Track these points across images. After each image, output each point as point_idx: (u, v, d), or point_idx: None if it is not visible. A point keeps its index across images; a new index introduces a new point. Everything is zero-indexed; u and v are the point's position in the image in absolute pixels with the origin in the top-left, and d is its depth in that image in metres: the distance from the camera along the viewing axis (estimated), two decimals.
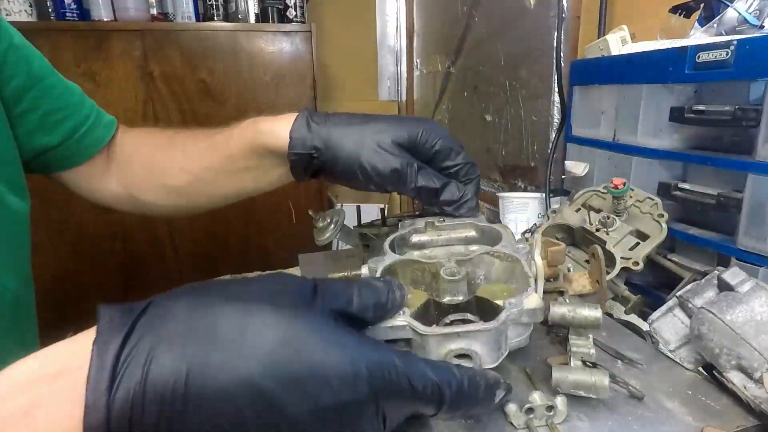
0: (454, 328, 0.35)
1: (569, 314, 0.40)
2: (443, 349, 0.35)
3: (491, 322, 0.35)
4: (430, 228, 0.47)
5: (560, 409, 0.38)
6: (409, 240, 0.47)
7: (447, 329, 0.35)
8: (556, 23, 1.04)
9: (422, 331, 0.34)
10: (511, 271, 0.42)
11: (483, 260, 0.43)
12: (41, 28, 1.53)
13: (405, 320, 0.35)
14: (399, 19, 2.22)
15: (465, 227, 0.48)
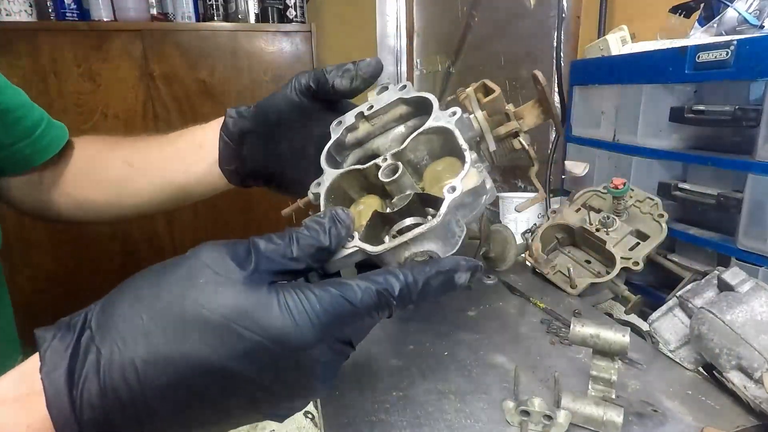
0: (401, 238, 0.34)
1: (591, 339, 0.39)
2: (401, 258, 0.35)
3: (435, 219, 0.34)
4: (361, 121, 0.44)
5: (560, 422, 0.37)
6: (345, 142, 0.45)
7: (395, 242, 0.34)
8: (556, 23, 1.04)
9: (372, 251, 0.34)
10: (448, 141, 0.39)
11: (419, 141, 0.40)
12: (41, 28, 1.53)
13: (355, 245, 0.35)
14: (399, 19, 2.22)
15: (394, 105, 0.44)
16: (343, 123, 0.45)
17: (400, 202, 0.38)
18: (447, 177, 0.38)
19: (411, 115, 0.45)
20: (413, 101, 0.43)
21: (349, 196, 0.43)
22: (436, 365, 0.49)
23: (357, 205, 0.42)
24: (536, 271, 0.71)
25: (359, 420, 0.41)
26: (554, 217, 0.74)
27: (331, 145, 0.44)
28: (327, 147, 0.44)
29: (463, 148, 0.37)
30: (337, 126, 0.45)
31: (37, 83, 1.51)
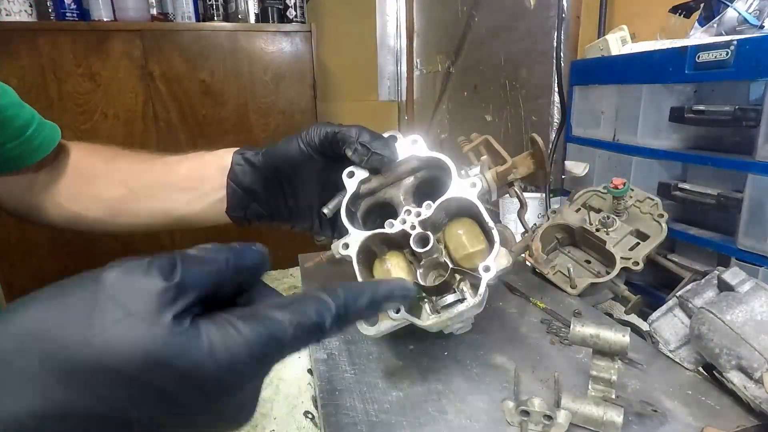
0: (446, 314, 0.39)
1: (591, 339, 0.39)
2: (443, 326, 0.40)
3: (476, 298, 0.39)
4: (374, 175, 0.47)
5: (560, 422, 0.37)
6: (359, 193, 0.47)
7: (442, 317, 0.39)
8: (556, 23, 1.04)
9: (424, 325, 0.39)
10: (466, 204, 0.43)
11: (440, 207, 0.44)
12: (41, 28, 1.53)
13: (404, 317, 0.39)
14: (399, 19, 2.21)
15: (407, 161, 0.47)
16: (356, 176, 0.46)
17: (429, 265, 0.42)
18: (470, 242, 0.42)
19: (420, 169, 0.47)
20: (426, 161, 0.46)
21: (372, 250, 0.45)
22: (436, 365, 0.49)
23: (383, 263, 0.45)
24: (536, 271, 0.71)
25: (359, 420, 0.41)
26: (554, 217, 0.74)
27: (349, 200, 0.46)
28: (344, 203, 0.45)
29: (490, 227, 0.41)
30: (350, 179, 0.46)
31: (37, 83, 1.51)
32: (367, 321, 0.40)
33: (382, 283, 0.31)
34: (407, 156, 0.46)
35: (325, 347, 0.54)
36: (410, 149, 0.46)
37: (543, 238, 0.73)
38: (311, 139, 0.47)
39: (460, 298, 0.40)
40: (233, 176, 0.51)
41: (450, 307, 0.40)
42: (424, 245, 0.41)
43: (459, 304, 0.39)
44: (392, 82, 2.27)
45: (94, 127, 1.60)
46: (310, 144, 0.48)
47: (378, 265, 0.45)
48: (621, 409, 0.38)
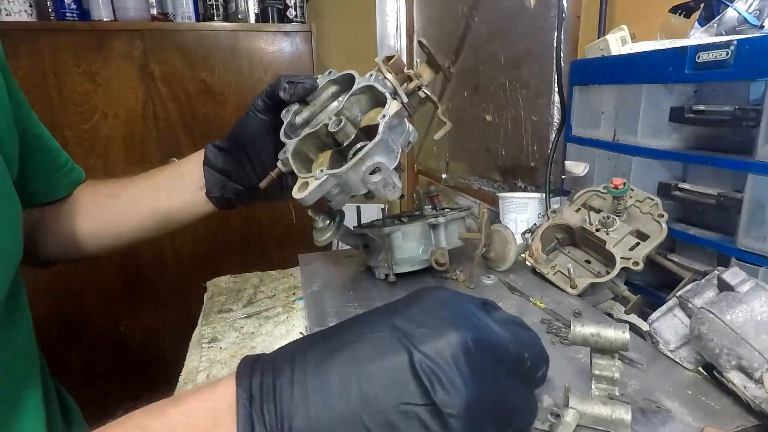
0: (357, 156, 0.46)
1: (592, 338, 0.39)
2: (359, 174, 0.47)
3: (377, 136, 0.46)
4: (303, 106, 0.56)
5: (568, 421, 0.37)
6: (296, 123, 0.55)
7: (354, 159, 0.46)
8: (556, 23, 1.04)
9: (339, 172, 0.47)
10: (374, 97, 0.53)
11: (351, 102, 0.53)
12: (41, 28, 1.53)
13: (326, 173, 0.47)
14: (399, 19, 2.21)
15: (326, 87, 0.56)
16: (290, 110, 0.55)
17: (344, 137, 0.50)
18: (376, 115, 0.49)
19: (340, 92, 0.56)
20: (340, 80, 0.56)
21: (308, 157, 0.54)
22: None
23: (317, 160, 0.53)
24: (536, 271, 0.71)
25: None
26: (554, 217, 0.74)
27: (286, 127, 0.54)
28: (282, 128, 0.54)
29: (383, 91, 0.50)
30: (286, 113, 0.55)
31: (37, 83, 1.51)
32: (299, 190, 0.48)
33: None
34: (325, 83, 0.56)
35: None
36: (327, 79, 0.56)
37: (543, 238, 0.73)
38: (256, 104, 0.57)
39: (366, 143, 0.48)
40: (207, 162, 0.59)
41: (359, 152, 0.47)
42: (338, 125, 0.49)
43: (366, 146, 0.47)
44: None
45: (94, 127, 1.60)
46: (256, 108, 0.57)
47: (314, 165, 0.53)
48: (628, 406, 0.38)
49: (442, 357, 0.25)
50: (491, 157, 1.47)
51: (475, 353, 0.26)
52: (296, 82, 0.54)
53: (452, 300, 0.29)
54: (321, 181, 0.47)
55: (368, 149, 0.46)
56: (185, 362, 0.61)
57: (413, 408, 0.25)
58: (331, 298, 0.68)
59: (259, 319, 0.71)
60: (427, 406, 0.25)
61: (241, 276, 0.91)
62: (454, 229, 0.71)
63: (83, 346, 1.74)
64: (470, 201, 1.50)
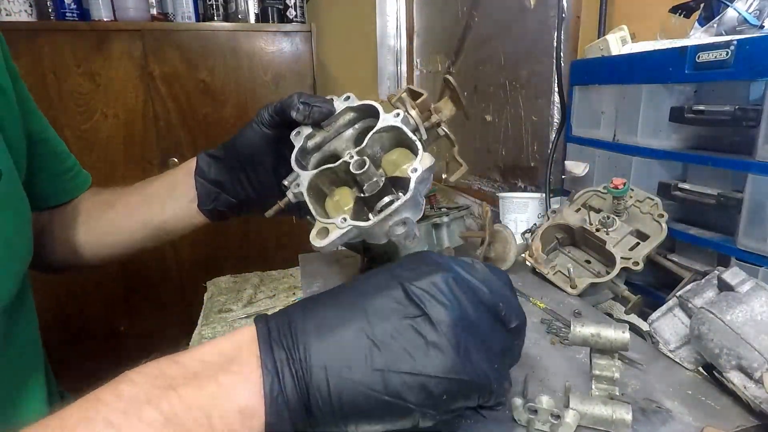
0: (386, 211, 0.44)
1: (592, 338, 0.39)
2: (385, 228, 0.45)
3: (408, 194, 0.44)
4: (316, 130, 0.53)
5: (568, 422, 0.37)
6: (307, 147, 0.52)
7: (382, 215, 0.44)
8: (556, 23, 1.04)
9: (366, 226, 0.44)
10: (397, 136, 0.50)
11: (374, 139, 0.49)
12: (41, 28, 1.53)
13: (350, 224, 0.44)
14: (399, 19, 2.21)
15: (343, 113, 0.53)
16: (301, 133, 0.52)
17: (370, 187, 0.47)
18: (402, 162, 0.48)
19: (357, 120, 0.53)
20: (359, 108, 0.52)
21: (322, 191, 0.51)
22: None
23: (333, 197, 0.50)
24: (536, 271, 0.71)
25: None
26: (554, 217, 0.74)
27: (297, 152, 0.51)
28: (294, 153, 0.51)
29: (413, 139, 0.48)
30: (297, 136, 0.52)
31: (37, 83, 1.51)
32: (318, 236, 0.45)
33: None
34: (343, 109, 0.52)
35: None
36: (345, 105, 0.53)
37: (543, 238, 0.73)
38: (262, 117, 0.53)
39: (395, 198, 0.46)
40: (199, 172, 0.56)
41: (387, 207, 0.45)
42: (361, 166, 0.47)
43: (394, 202, 0.45)
44: (392, 82, 2.27)
45: (94, 127, 1.60)
46: (262, 122, 0.53)
47: (329, 201, 0.51)
48: (629, 405, 0.38)
49: (431, 287, 0.31)
50: (491, 157, 1.47)
51: (457, 287, 0.31)
52: (312, 105, 0.51)
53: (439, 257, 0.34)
54: (344, 231, 0.44)
55: (398, 206, 0.44)
56: None
57: (410, 321, 0.30)
58: None
59: None
60: (421, 317, 0.30)
61: (241, 276, 0.91)
62: (455, 229, 0.71)
63: (83, 346, 1.74)
64: (470, 201, 1.50)
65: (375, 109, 0.51)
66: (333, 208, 0.50)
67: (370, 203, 0.47)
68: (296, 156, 0.51)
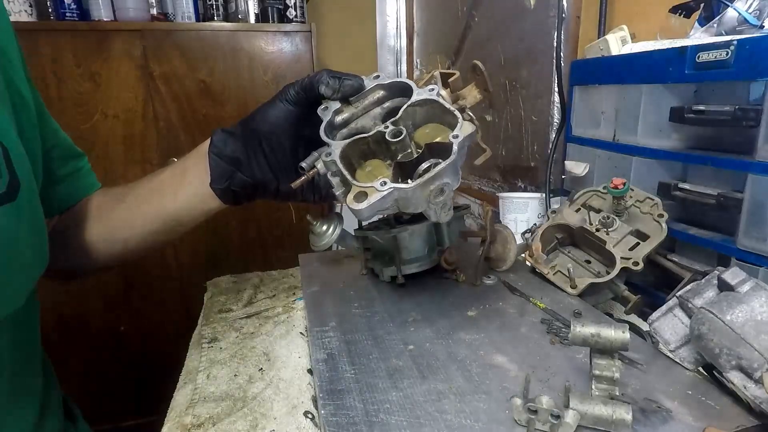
0: (429, 173, 0.43)
1: (592, 338, 0.39)
2: (426, 192, 0.44)
3: (451, 157, 0.43)
4: (344, 105, 0.52)
5: (568, 422, 0.37)
6: (335, 122, 0.51)
7: (425, 177, 0.43)
8: (556, 23, 1.04)
9: (407, 188, 0.43)
10: (430, 111, 0.49)
11: (407, 112, 0.49)
12: (41, 28, 1.53)
13: (390, 186, 0.43)
14: (399, 19, 2.21)
15: (373, 91, 0.52)
16: (329, 108, 0.51)
17: (405, 157, 0.47)
18: (437, 135, 0.48)
19: (386, 98, 0.53)
20: (389, 86, 0.52)
21: (351, 164, 0.50)
22: (436, 365, 0.49)
23: (364, 168, 0.50)
24: (536, 271, 0.71)
25: (359, 420, 0.41)
26: (554, 217, 0.74)
27: (326, 125, 0.50)
28: (323, 125, 0.50)
29: (451, 109, 0.47)
30: (325, 110, 0.51)
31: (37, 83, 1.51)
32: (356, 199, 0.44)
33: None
34: (373, 86, 0.52)
35: (325, 347, 0.54)
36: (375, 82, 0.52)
37: (543, 238, 0.73)
38: (287, 93, 0.52)
39: (436, 162, 0.46)
40: (213, 148, 0.53)
41: (428, 171, 0.44)
42: (397, 135, 0.47)
43: (438, 166, 0.44)
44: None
45: (94, 127, 1.60)
46: (287, 98, 0.52)
47: (360, 172, 0.50)
48: (629, 405, 0.38)
49: None
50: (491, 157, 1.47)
51: None
52: (343, 79, 0.50)
53: None
54: (384, 193, 0.43)
55: (441, 168, 0.43)
56: (185, 362, 0.61)
57: None
58: (331, 298, 0.68)
59: (259, 319, 0.71)
60: None
61: (241, 276, 0.91)
62: (455, 228, 0.71)
63: (83, 345, 1.74)
64: (470, 201, 1.50)
65: (407, 85, 0.50)
66: (366, 178, 0.48)
67: (408, 171, 0.47)
68: (324, 129, 0.50)
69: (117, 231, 0.58)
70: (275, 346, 0.61)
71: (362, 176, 0.49)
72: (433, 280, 0.71)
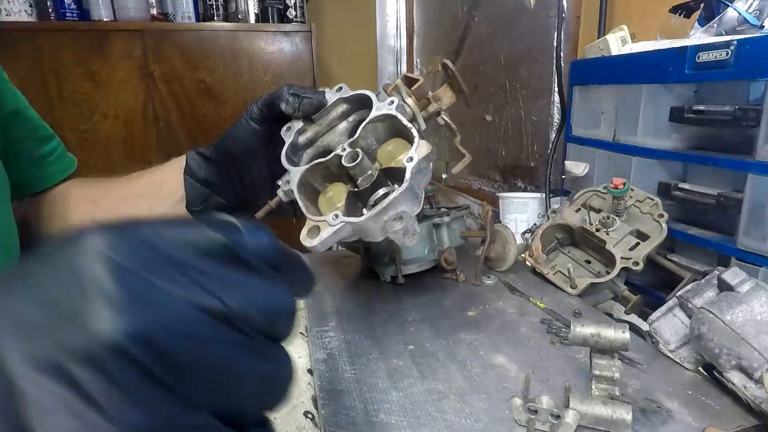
0: (381, 204, 0.41)
1: (592, 338, 0.39)
2: (380, 223, 0.41)
3: (404, 184, 0.41)
4: (308, 123, 0.50)
5: (568, 422, 0.37)
6: (299, 143, 0.50)
7: (377, 209, 0.41)
8: (556, 23, 1.04)
9: (357, 221, 0.41)
10: (392, 126, 0.47)
11: (367, 130, 0.47)
12: (41, 28, 1.53)
13: (342, 221, 0.41)
14: (399, 19, 2.21)
15: (335, 105, 0.50)
16: (292, 128, 0.49)
17: (365, 181, 0.45)
18: (399, 153, 0.45)
19: (351, 112, 0.50)
20: (352, 99, 0.50)
21: (315, 188, 0.48)
22: (436, 365, 0.49)
23: (326, 193, 0.47)
24: (536, 271, 0.71)
25: (359, 420, 0.41)
26: (554, 217, 0.74)
27: (288, 148, 0.48)
28: (284, 150, 0.48)
29: (408, 126, 0.44)
30: (288, 131, 0.49)
31: (37, 83, 1.51)
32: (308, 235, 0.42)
33: None
34: (335, 101, 0.49)
35: (325, 347, 0.54)
36: (337, 96, 0.49)
37: (543, 238, 0.73)
38: (251, 112, 0.50)
39: (391, 189, 0.44)
40: (188, 171, 0.53)
41: (382, 199, 0.42)
42: (354, 159, 0.44)
43: (389, 194, 0.41)
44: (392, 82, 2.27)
45: (94, 127, 1.60)
46: (251, 117, 0.50)
47: (321, 198, 0.48)
48: (629, 405, 0.38)
49: None
50: (491, 157, 1.47)
51: None
52: (302, 96, 0.48)
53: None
54: (336, 228, 0.40)
55: (393, 198, 0.40)
56: None
57: None
58: (331, 298, 0.68)
59: None
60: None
61: None
62: (455, 228, 0.71)
63: None
64: (470, 201, 1.50)
65: (368, 98, 0.48)
66: (326, 205, 0.47)
67: (365, 198, 0.45)
68: (287, 152, 0.48)
69: None
70: None
71: (323, 203, 0.47)
72: (433, 280, 0.71)
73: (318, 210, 0.47)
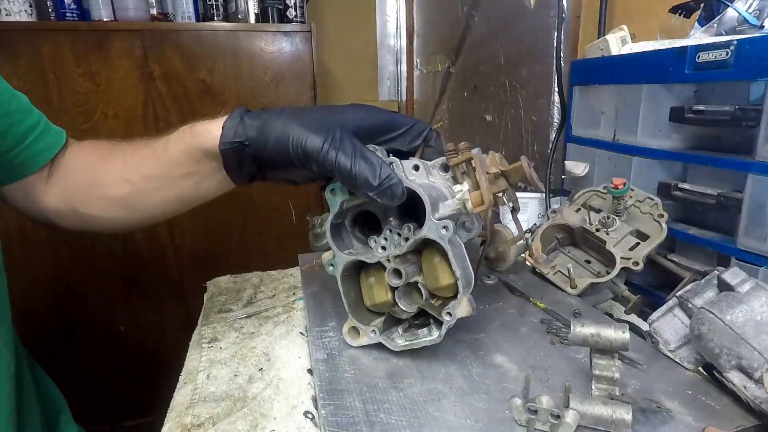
0: (410, 343, 0.50)
1: (592, 338, 0.39)
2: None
3: (436, 337, 0.48)
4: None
5: (568, 422, 0.37)
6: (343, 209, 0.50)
7: (407, 346, 0.50)
8: (556, 23, 1.04)
9: (391, 347, 0.50)
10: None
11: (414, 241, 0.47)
12: (41, 28, 1.53)
13: (378, 340, 0.51)
14: (399, 19, 2.21)
15: None
16: (338, 195, 0.49)
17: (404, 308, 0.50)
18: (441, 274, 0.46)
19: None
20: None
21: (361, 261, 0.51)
22: (436, 365, 0.49)
23: (368, 277, 0.52)
24: (536, 271, 0.71)
25: (359, 420, 0.41)
26: (554, 217, 0.74)
27: (333, 217, 0.49)
28: (329, 219, 0.49)
29: (457, 276, 0.45)
30: (332, 196, 0.49)
31: (37, 83, 1.51)
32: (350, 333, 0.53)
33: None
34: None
35: (325, 347, 0.54)
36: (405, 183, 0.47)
37: (543, 238, 0.73)
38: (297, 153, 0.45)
39: (426, 336, 0.49)
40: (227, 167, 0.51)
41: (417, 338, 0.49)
42: (398, 278, 0.47)
43: (424, 337, 0.49)
44: (392, 82, 2.27)
45: (94, 127, 1.60)
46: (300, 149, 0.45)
47: (364, 277, 0.52)
48: (629, 405, 0.38)
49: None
50: None
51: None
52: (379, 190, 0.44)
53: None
54: (372, 341, 0.51)
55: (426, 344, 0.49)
56: (185, 362, 0.61)
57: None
58: (331, 298, 0.68)
59: (259, 319, 0.71)
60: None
61: (241, 276, 0.91)
62: None
63: (83, 345, 1.74)
64: None
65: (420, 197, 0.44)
66: (366, 294, 0.52)
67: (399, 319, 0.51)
68: (332, 221, 0.48)
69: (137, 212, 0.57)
70: (275, 346, 0.61)
71: (365, 288, 0.52)
72: None
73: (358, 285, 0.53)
